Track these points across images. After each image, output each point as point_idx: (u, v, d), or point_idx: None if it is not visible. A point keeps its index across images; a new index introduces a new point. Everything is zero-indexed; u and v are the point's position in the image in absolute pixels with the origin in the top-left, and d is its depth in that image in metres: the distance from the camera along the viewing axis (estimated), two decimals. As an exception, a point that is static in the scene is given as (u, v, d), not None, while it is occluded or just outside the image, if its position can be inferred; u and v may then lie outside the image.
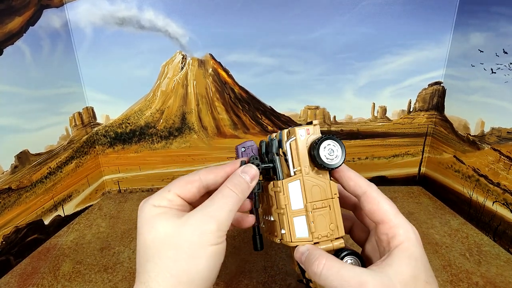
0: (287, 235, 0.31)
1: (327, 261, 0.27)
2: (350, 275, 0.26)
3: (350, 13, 0.61)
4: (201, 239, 0.27)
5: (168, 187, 0.32)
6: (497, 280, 0.46)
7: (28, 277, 0.49)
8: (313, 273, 0.28)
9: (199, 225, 0.28)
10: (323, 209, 0.31)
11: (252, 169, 0.32)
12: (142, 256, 0.28)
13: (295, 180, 0.31)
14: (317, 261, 0.28)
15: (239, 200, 0.30)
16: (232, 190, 0.30)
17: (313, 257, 0.28)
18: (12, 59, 0.50)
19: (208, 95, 0.68)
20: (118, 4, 0.60)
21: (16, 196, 0.52)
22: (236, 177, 0.32)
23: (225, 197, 0.30)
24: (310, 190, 0.31)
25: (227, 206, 0.29)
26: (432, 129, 0.70)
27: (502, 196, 0.52)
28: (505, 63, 0.50)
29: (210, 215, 0.28)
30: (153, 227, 0.29)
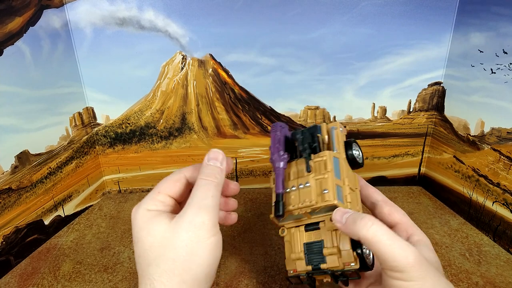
0: (330, 194, 0.31)
1: (375, 220, 0.28)
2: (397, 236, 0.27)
3: (350, 13, 0.61)
4: (196, 234, 0.28)
5: (157, 189, 0.32)
6: (497, 280, 0.46)
7: (28, 277, 0.49)
8: (360, 228, 0.28)
9: (191, 220, 0.28)
10: (352, 192, 0.33)
11: (218, 154, 0.33)
12: (143, 261, 0.29)
13: (337, 156, 0.33)
14: (366, 218, 0.28)
15: (217, 184, 0.31)
16: (206, 179, 0.31)
17: (359, 215, 0.28)
18: (12, 59, 0.50)
19: (208, 95, 0.68)
20: (118, 4, 0.60)
21: (16, 196, 0.52)
22: (204, 167, 0.32)
23: (202, 186, 0.30)
24: (344, 170, 0.33)
25: (208, 193, 0.30)
26: (432, 129, 0.70)
27: (502, 196, 0.52)
28: (505, 63, 0.50)
29: (197, 207, 0.29)
30: (149, 232, 0.29)
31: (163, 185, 0.33)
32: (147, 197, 0.32)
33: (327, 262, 0.31)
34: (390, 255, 0.26)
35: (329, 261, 0.31)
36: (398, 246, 0.27)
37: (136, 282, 0.47)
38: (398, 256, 0.26)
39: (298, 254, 0.33)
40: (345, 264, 0.30)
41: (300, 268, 0.33)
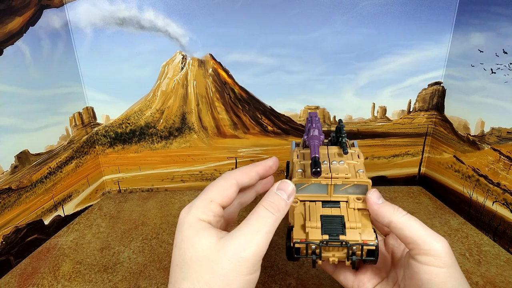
0: (364, 174, 0.33)
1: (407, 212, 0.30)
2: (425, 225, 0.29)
3: (350, 13, 0.61)
4: (237, 268, 0.26)
5: (209, 196, 0.30)
6: (497, 280, 0.46)
7: (28, 277, 0.49)
8: (394, 213, 0.29)
9: (237, 250, 0.26)
10: None
11: (288, 186, 0.30)
12: (179, 272, 0.27)
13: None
14: (400, 208, 0.30)
15: (276, 219, 0.28)
16: (268, 210, 0.28)
17: (394, 205, 0.30)
18: (12, 59, 0.50)
19: (208, 95, 0.68)
20: (118, 4, 0.60)
21: (16, 196, 0.52)
22: (271, 195, 0.30)
23: (261, 217, 0.28)
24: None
25: (264, 228, 0.27)
26: (432, 129, 0.70)
27: (502, 196, 0.52)
28: (505, 63, 0.50)
29: (246, 240, 0.27)
30: (194, 245, 0.27)
31: (216, 192, 0.30)
32: (198, 202, 0.30)
33: (347, 235, 0.30)
34: (425, 239, 0.27)
35: (349, 234, 0.30)
36: (431, 232, 0.28)
37: (136, 282, 0.47)
38: (432, 241, 0.27)
39: (315, 222, 0.31)
40: (365, 241, 0.30)
41: (313, 237, 0.31)
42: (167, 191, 0.75)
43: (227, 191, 0.30)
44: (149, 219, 0.64)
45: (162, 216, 0.64)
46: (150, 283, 0.47)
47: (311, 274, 0.48)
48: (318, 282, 0.46)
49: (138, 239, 0.57)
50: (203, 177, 0.74)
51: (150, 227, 0.61)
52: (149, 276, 0.48)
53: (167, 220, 0.63)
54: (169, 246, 0.55)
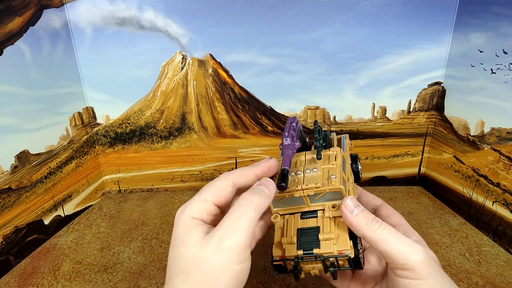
0: (337, 179, 0.31)
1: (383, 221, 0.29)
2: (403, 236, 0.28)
3: (350, 13, 0.61)
4: (222, 259, 0.26)
5: (204, 195, 0.30)
6: (496, 280, 0.46)
7: (28, 277, 0.49)
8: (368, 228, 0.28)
9: (219, 242, 0.26)
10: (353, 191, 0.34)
11: (269, 182, 0.31)
12: (172, 270, 0.28)
13: (344, 157, 0.35)
14: (375, 220, 0.29)
15: (257, 206, 0.28)
16: (248, 199, 0.28)
17: (370, 215, 0.29)
18: (12, 59, 0.50)
19: (208, 95, 0.68)
20: (118, 4, 0.60)
21: (16, 196, 0.52)
22: (252, 188, 0.30)
23: (240, 206, 0.28)
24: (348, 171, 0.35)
25: (245, 215, 0.27)
26: (432, 129, 0.70)
27: (502, 196, 0.52)
28: (505, 63, 0.50)
29: (228, 229, 0.26)
30: (184, 242, 0.28)
31: (209, 191, 0.31)
32: (194, 202, 0.30)
33: (321, 247, 0.30)
34: (399, 253, 0.27)
35: (323, 246, 0.30)
36: (406, 244, 0.27)
37: (136, 282, 0.47)
38: (407, 254, 0.26)
39: (290, 238, 0.31)
40: (340, 251, 0.29)
41: (289, 253, 0.31)
42: (167, 191, 0.75)
43: (222, 191, 0.30)
44: (149, 219, 0.64)
45: (162, 216, 0.64)
46: (150, 283, 0.47)
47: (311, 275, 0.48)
48: (318, 282, 0.46)
49: (138, 239, 0.57)
50: (203, 177, 0.74)
51: (150, 227, 0.61)
52: (149, 276, 0.48)
53: (167, 220, 0.63)
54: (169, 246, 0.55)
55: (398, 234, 0.28)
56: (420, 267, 0.26)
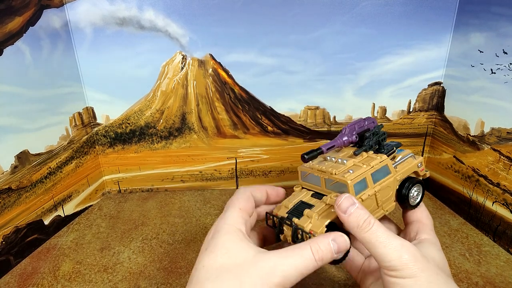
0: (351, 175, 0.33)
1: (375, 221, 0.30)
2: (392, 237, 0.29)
3: (350, 13, 0.61)
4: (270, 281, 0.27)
5: (237, 205, 0.33)
6: (496, 280, 0.46)
7: (28, 277, 0.49)
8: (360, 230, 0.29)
9: (268, 273, 0.27)
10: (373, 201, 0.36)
11: (344, 242, 0.30)
12: (204, 274, 0.28)
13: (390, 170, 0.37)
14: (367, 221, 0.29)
15: (316, 267, 0.29)
16: (313, 255, 0.29)
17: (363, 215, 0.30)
18: (12, 59, 0.50)
19: (208, 95, 0.68)
20: (118, 4, 0.60)
21: (16, 196, 0.52)
22: (325, 242, 0.30)
23: (303, 257, 0.28)
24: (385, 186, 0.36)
25: (300, 270, 0.28)
26: (432, 129, 0.70)
27: (502, 196, 0.52)
28: (505, 63, 0.50)
29: (281, 270, 0.27)
30: (228, 253, 0.28)
31: (241, 202, 0.33)
32: (231, 212, 0.32)
33: (299, 220, 0.33)
34: (385, 255, 0.28)
35: (301, 220, 0.33)
36: (393, 247, 0.28)
37: (136, 282, 0.47)
38: (392, 256, 0.28)
39: (289, 203, 0.36)
40: (310, 231, 0.32)
41: (279, 212, 0.35)
42: (167, 191, 0.75)
43: (249, 201, 0.34)
44: (149, 219, 0.64)
45: (162, 216, 0.64)
46: (150, 283, 0.47)
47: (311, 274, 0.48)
48: (318, 282, 0.46)
49: (138, 239, 0.57)
50: (203, 177, 0.74)
51: (150, 227, 0.61)
52: (149, 276, 0.48)
53: (167, 220, 0.63)
54: (169, 246, 0.55)
55: (386, 237, 0.29)
56: (403, 267, 0.27)
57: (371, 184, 0.35)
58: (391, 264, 0.28)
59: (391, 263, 0.28)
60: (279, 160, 0.73)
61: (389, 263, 0.28)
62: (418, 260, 0.28)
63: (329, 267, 0.49)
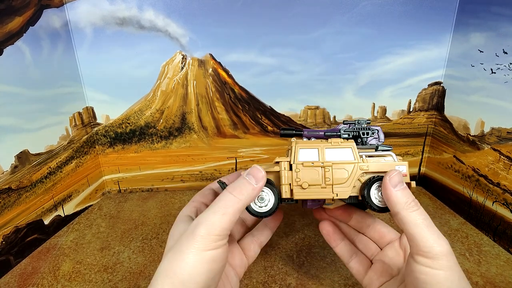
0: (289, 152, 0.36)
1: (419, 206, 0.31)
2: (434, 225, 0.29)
3: (350, 13, 0.61)
4: (190, 242, 0.28)
5: (192, 199, 0.36)
6: (497, 280, 0.46)
7: (28, 277, 0.49)
8: (403, 207, 0.30)
9: (192, 229, 0.28)
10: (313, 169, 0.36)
11: (259, 172, 0.31)
12: (163, 259, 0.30)
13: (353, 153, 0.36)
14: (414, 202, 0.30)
15: (238, 202, 0.29)
16: (230, 193, 0.30)
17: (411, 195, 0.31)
18: (12, 59, 0.50)
19: (208, 95, 0.68)
20: (118, 4, 0.60)
21: (16, 196, 0.52)
22: (239, 179, 0.31)
23: (221, 200, 0.29)
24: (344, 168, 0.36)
25: (220, 210, 0.29)
26: (432, 129, 0.70)
27: (502, 196, 0.52)
28: (505, 63, 0.50)
29: (202, 219, 0.28)
30: (172, 235, 0.32)
31: (196, 197, 0.37)
32: (187, 206, 0.35)
33: None
34: (426, 240, 0.27)
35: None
36: (435, 234, 0.28)
37: (136, 282, 0.47)
38: (433, 243, 0.27)
39: None
40: None
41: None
42: (167, 191, 0.75)
43: (203, 194, 0.37)
44: (149, 219, 0.64)
45: (162, 216, 0.64)
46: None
47: (311, 274, 0.48)
48: (318, 282, 0.46)
49: (138, 239, 0.57)
50: (203, 177, 0.74)
51: (150, 227, 0.61)
52: (149, 276, 0.48)
53: (167, 220, 0.63)
54: (169, 246, 0.55)
55: (430, 223, 0.29)
56: (442, 257, 0.27)
57: (323, 157, 0.35)
58: (430, 251, 0.27)
59: (429, 250, 0.27)
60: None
61: (430, 248, 0.27)
62: (451, 256, 0.28)
63: (329, 267, 0.49)
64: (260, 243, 0.39)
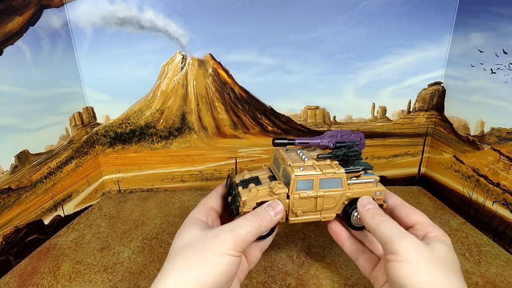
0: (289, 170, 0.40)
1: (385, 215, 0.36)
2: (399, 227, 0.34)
3: (350, 13, 0.61)
4: (214, 245, 0.31)
5: (201, 203, 0.39)
6: (496, 280, 0.46)
7: (28, 277, 0.49)
8: (372, 217, 0.35)
9: (217, 234, 0.32)
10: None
11: (278, 205, 0.37)
12: (167, 261, 0.32)
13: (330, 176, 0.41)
14: (381, 213, 0.36)
15: (259, 227, 0.34)
16: (254, 217, 0.35)
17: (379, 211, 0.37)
18: (12, 59, 0.50)
19: (208, 95, 0.68)
20: (118, 4, 0.60)
21: (16, 196, 0.52)
22: (261, 208, 0.37)
23: (246, 219, 0.34)
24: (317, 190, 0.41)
25: (246, 227, 0.33)
26: (432, 129, 0.70)
27: (502, 196, 0.52)
28: (505, 63, 0.50)
29: (229, 228, 0.33)
30: (181, 235, 0.34)
31: (207, 200, 0.40)
32: (197, 207, 0.39)
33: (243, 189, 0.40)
34: (388, 239, 0.32)
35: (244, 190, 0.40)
36: (399, 232, 0.32)
37: (136, 282, 0.47)
38: (394, 240, 0.31)
39: (249, 175, 0.44)
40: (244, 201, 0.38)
41: (236, 178, 0.43)
42: (167, 191, 0.75)
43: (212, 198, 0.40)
44: (149, 219, 0.64)
45: (162, 216, 0.64)
46: (150, 283, 0.46)
47: (311, 274, 0.48)
48: (318, 282, 0.46)
49: (138, 239, 0.57)
50: (203, 177, 0.74)
51: (150, 227, 0.61)
52: (149, 276, 0.48)
53: (167, 220, 0.63)
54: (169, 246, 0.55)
55: (392, 225, 0.33)
56: (404, 251, 0.30)
57: (317, 188, 0.39)
58: (392, 246, 0.31)
59: (392, 245, 0.31)
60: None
61: (391, 244, 0.31)
62: (417, 247, 0.30)
63: (329, 267, 0.49)
64: (261, 248, 0.41)
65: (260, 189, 0.39)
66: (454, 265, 0.31)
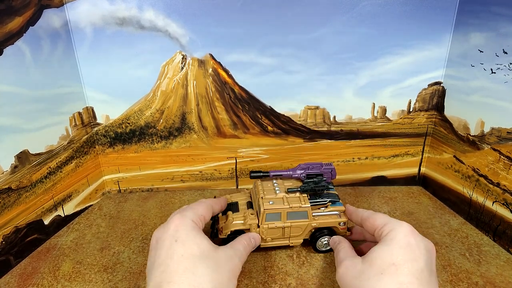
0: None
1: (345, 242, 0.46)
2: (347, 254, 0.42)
3: (350, 13, 0.61)
4: (232, 267, 0.37)
5: (196, 209, 0.42)
6: (497, 280, 0.46)
7: (28, 277, 0.49)
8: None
9: (232, 256, 0.39)
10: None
11: (258, 238, 0.47)
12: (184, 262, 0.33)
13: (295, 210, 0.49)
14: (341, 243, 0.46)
15: (252, 248, 0.45)
16: (251, 239, 0.45)
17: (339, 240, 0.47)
18: (12, 59, 0.50)
19: (208, 95, 0.68)
20: (118, 4, 0.60)
21: (16, 196, 0.52)
22: (246, 238, 0.45)
23: (247, 241, 0.44)
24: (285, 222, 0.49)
25: (247, 249, 0.43)
26: (432, 129, 0.70)
27: (502, 196, 0.52)
28: (505, 63, 0.50)
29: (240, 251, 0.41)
30: (194, 242, 0.36)
31: (201, 207, 0.43)
32: (191, 209, 0.41)
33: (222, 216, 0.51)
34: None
35: (222, 216, 0.51)
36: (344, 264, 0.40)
37: (136, 282, 0.47)
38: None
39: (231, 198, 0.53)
40: (221, 227, 0.49)
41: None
42: (167, 191, 0.75)
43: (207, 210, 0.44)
44: (149, 219, 0.64)
45: (162, 216, 0.64)
46: (150, 283, 0.47)
47: (311, 274, 0.48)
48: (318, 282, 0.46)
49: (138, 239, 0.57)
50: (203, 177, 0.74)
51: (150, 227, 0.61)
52: (149, 276, 0.48)
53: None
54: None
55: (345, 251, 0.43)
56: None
57: (285, 219, 0.47)
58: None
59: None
60: (279, 160, 0.73)
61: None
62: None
63: (329, 267, 0.49)
64: None
65: (236, 217, 0.48)
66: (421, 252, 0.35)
